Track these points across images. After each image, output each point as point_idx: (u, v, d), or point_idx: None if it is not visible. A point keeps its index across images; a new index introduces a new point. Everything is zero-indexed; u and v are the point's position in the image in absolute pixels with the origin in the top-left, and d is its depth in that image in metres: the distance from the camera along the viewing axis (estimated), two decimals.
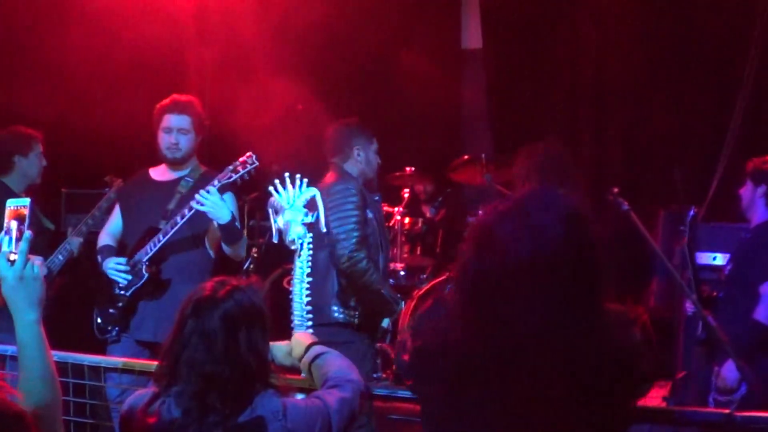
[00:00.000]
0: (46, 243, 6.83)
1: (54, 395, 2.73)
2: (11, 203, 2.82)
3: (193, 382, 3.23)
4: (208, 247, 6.19)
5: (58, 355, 4.50)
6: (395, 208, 8.93)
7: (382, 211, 6.78)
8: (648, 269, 7.95)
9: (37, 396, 2.65)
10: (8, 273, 2.70)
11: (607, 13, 10.00)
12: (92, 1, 8.86)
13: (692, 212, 6.86)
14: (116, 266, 6.05)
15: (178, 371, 3.27)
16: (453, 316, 2.72)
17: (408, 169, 9.21)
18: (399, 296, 6.17)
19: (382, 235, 6.27)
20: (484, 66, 10.78)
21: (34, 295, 2.72)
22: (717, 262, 7.29)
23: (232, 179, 5.74)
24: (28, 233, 2.75)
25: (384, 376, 7.79)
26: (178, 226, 5.87)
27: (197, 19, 9.88)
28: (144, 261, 5.99)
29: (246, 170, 5.73)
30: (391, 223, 8.77)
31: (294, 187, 4.19)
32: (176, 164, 6.27)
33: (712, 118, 9.24)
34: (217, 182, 5.73)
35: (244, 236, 6.12)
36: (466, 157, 8.82)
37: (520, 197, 2.73)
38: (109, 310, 6.14)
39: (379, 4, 10.32)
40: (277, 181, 4.21)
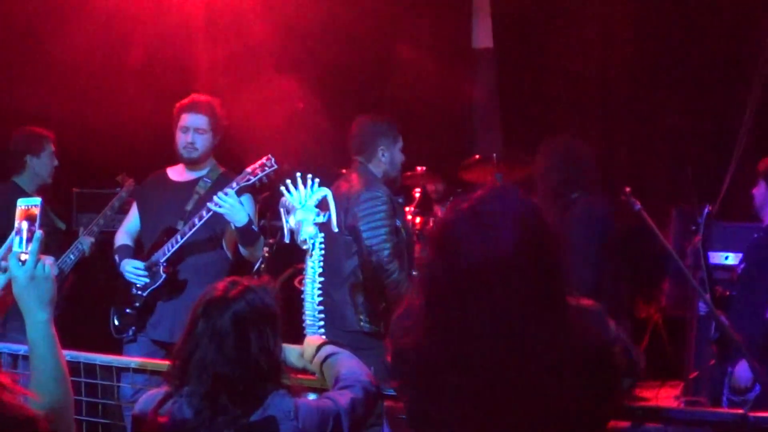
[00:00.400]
0: (58, 243, 6.84)
1: (65, 395, 2.73)
2: (22, 203, 2.81)
3: (204, 382, 3.23)
4: (225, 249, 6.16)
5: (70, 355, 4.51)
6: (407, 208, 8.91)
7: (405, 215, 6.75)
8: (660, 269, 7.93)
9: (48, 396, 2.64)
10: (19, 273, 2.70)
11: (616, 12, 9.98)
12: (103, 2, 8.87)
13: (707, 210, 6.84)
14: (134, 270, 6.05)
15: (190, 371, 3.27)
16: (416, 317, 2.72)
17: (419, 168, 9.18)
18: None
19: (410, 243, 6.25)
20: (495, 65, 10.77)
21: (46, 295, 2.72)
22: (729, 262, 7.26)
23: (251, 182, 5.71)
24: (39, 233, 2.74)
25: None
26: (195, 228, 5.85)
27: (207, 19, 9.88)
28: (161, 262, 5.99)
29: (264, 173, 5.70)
30: None
31: (305, 187, 4.19)
32: (193, 164, 6.24)
33: (723, 117, 9.22)
34: (235, 185, 5.69)
35: (261, 238, 6.09)
36: (477, 157, 8.82)
37: (476, 197, 2.70)
38: (126, 310, 6.15)
39: (390, 3, 10.31)
40: (289, 181, 4.21)
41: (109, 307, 6.29)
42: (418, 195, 9.20)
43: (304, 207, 4.15)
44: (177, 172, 6.36)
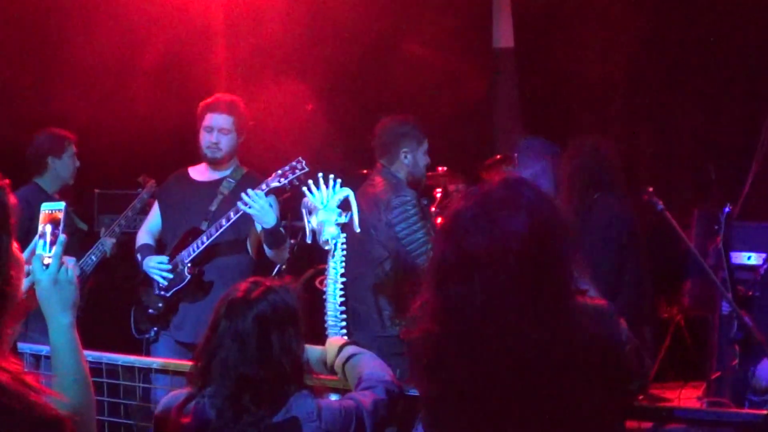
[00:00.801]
0: (79, 244, 6.86)
1: (87, 398, 2.73)
2: (46, 207, 2.81)
3: (227, 383, 3.24)
4: (249, 250, 6.11)
5: (92, 355, 4.51)
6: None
7: (431, 217, 6.73)
8: (682, 269, 7.90)
9: (71, 399, 2.65)
10: (43, 276, 2.70)
11: (639, 11, 9.96)
12: (122, 3, 8.89)
13: (727, 209, 6.81)
14: (158, 265, 6.00)
15: (212, 372, 3.28)
16: (426, 305, 2.73)
17: (440, 168, 9.16)
18: None
19: None
20: (516, 65, 10.76)
21: (68, 299, 2.72)
22: (752, 262, 7.22)
23: (282, 184, 5.60)
24: (63, 237, 2.74)
25: None
26: (223, 229, 5.80)
27: (226, 20, 9.89)
28: (186, 262, 5.94)
29: (295, 175, 5.55)
30: None
31: (327, 188, 4.18)
32: (216, 164, 6.16)
33: (746, 116, 9.18)
34: (265, 186, 5.61)
35: (288, 239, 6.05)
36: (498, 157, 8.79)
37: (486, 188, 2.71)
38: (149, 311, 6.11)
39: (411, 3, 10.31)
40: (311, 182, 4.20)
41: (130, 308, 6.27)
42: (438, 195, 9.19)
43: (326, 207, 4.15)
44: (199, 172, 6.30)
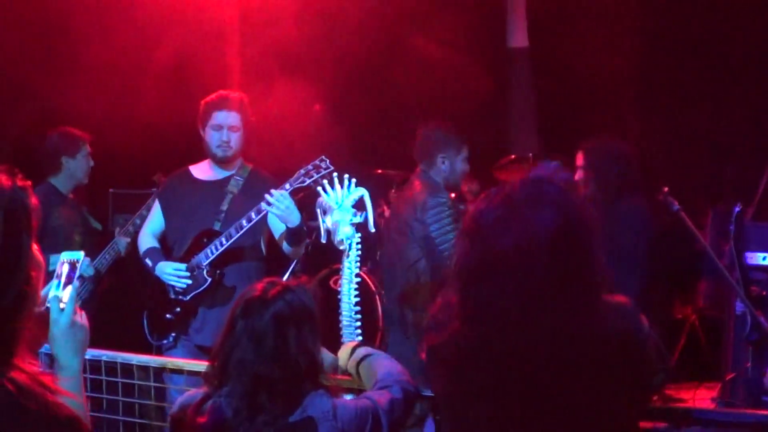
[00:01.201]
0: (94, 243, 6.87)
1: None
2: (65, 256, 2.92)
3: (243, 382, 3.24)
4: (263, 249, 6.01)
5: (107, 355, 4.53)
6: None
7: None
8: (696, 269, 7.89)
9: None
10: (60, 316, 2.74)
11: (652, 10, 9.95)
12: (137, 3, 8.91)
13: (737, 209, 6.79)
14: (175, 272, 5.79)
15: (228, 371, 3.28)
16: (452, 307, 2.72)
17: None
18: None
19: None
20: (531, 65, 10.76)
21: (81, 343, 2.77)
22: (767, 263, 7.20)
23: (306, 183, 5.47)
24: (76, 283, 2.84)
25: None
26: (244, 230, 5.64)
27: (240, 19, 9.91)
28: (204, 265, 5.77)
29: (320, 174, 5.41)
30: None
31: (342, 187, 4.18)
32: (226, 162, 5.99)
33: (761, 114, 9.17)
34: (288, 185, 5.49)
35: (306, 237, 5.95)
36: (512, 157, 8.80)
37: (511, 187, 2.71)
38: (166, 316, 5.90)
39: (425, 3, 10.31)
40: (326, 181, 4.20)
41: (143, 309, 6.09)
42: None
43: (341, 207, 4.15)
44: (202, 171, 6.13)
